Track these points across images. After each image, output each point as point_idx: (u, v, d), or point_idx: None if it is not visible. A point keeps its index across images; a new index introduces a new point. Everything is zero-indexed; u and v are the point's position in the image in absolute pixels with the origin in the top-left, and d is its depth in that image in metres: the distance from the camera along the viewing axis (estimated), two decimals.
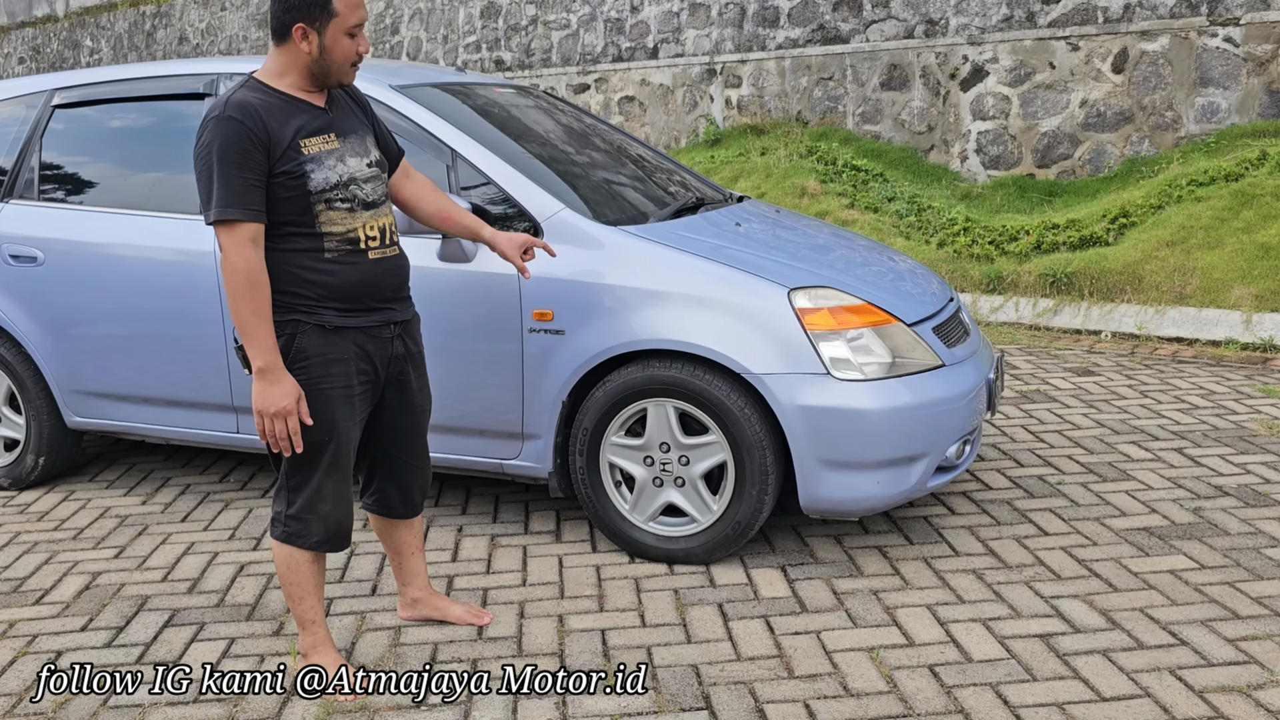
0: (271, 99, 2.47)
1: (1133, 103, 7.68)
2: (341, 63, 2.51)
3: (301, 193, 2.46)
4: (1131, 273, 6.40)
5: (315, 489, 2.58)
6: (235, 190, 2.38)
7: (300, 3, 2.44)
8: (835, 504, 3.17)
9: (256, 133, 2.40)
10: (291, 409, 2.44)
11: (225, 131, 2.39)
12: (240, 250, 2.39)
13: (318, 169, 2.47)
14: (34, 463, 4.16)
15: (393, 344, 2.66)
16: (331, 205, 2.50)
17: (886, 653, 2.78)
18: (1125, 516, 3.62)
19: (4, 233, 3.99)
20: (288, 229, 2.48)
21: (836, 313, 3.16)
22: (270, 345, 2.42)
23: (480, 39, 11.87)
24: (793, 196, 8.15)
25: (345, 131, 2.57)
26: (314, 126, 2.50)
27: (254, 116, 2.41)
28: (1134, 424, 4.61)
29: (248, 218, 2.40)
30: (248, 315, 2.40)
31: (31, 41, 18.60)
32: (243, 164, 2.39)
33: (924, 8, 8.65)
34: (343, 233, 2.52)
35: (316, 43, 2.47)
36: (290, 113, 2.48)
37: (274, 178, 2.43)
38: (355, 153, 2.57)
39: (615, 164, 4.06)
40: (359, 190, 2.54)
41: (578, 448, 3.32)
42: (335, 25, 2.46)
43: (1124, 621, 2.90)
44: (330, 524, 2.61)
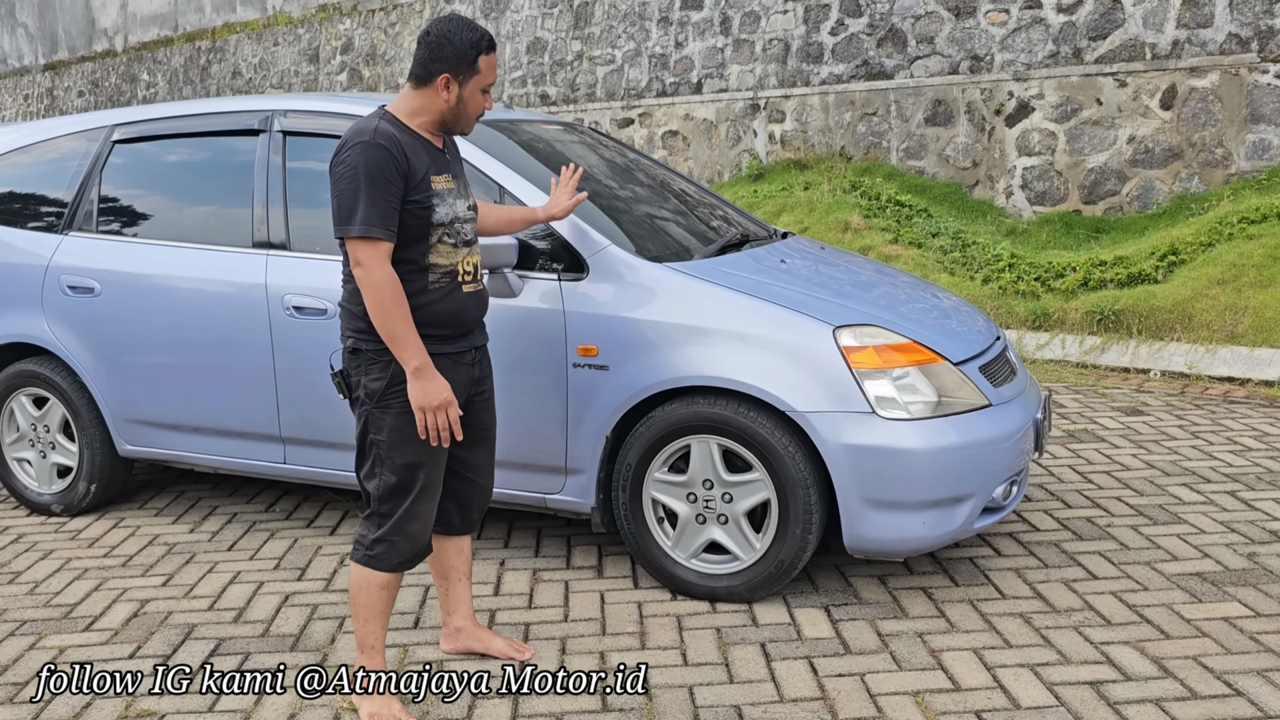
0: (408, 135, 2.64)
1: (1182, 139, 7.60)
2: (472, 115, 2.71)
3: (425, 223, 2.63)
4: (1181, 311, 6.31)
5: (407, 510, 2.68)
6: (380, 210, 2.54)
7: (451, 56, 2.62)
8: (880, 544, 3.14)
9: (399, 162, 2.57)
10: (451, 400, 2.60)
11: (375, 156, 2.54)
12: (382, 264, 2.55)
13: (441, 204, 2.66)
14: (86, 489, 4.23)
15: (472, 369, 2.80)
16: (443, 240, 2.67)
17: (932, 697, 2.74)
18: (1177, 561, 3.55)
19: (63, 264, 4.09)
20: (401, 258, 2.62)
21: (882, 351, 3.14)
22: (420, 348, 2.56)
23: (526, 74, 12.02)
24: (836, 231, 8.14)
25: (457, 175, 2.77)
26: (440, 166, 2.69)
27: (399, 147, 2.58)
28: (1185, 465, 4.53)
29: (388, 237, 2.56)
30: (397, 323, 2.54)
31: (90, 75, 19.11)
32: (387, 188, 2.55)
33: (969, 44, 8.65)
34: (447, 265, 2.69)
35: (456, 94, 2.65)
36: (421, 150, 2.66)
37: (405, 205, 2.59)
38: (462, 195, 2.76)
39: (659, 199, 4.09)
40: (462, 229, 2.73)
41: (621, 483, 3.33)
42: (475, 81, 2.66)
43: (1177, 670, 2.84)
44: (416, 543, 2.72)
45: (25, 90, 20.85)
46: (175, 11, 17.42)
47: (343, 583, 3.56)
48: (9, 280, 4.20)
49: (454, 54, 2.61)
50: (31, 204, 4.31)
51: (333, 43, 14.40)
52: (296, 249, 3.73)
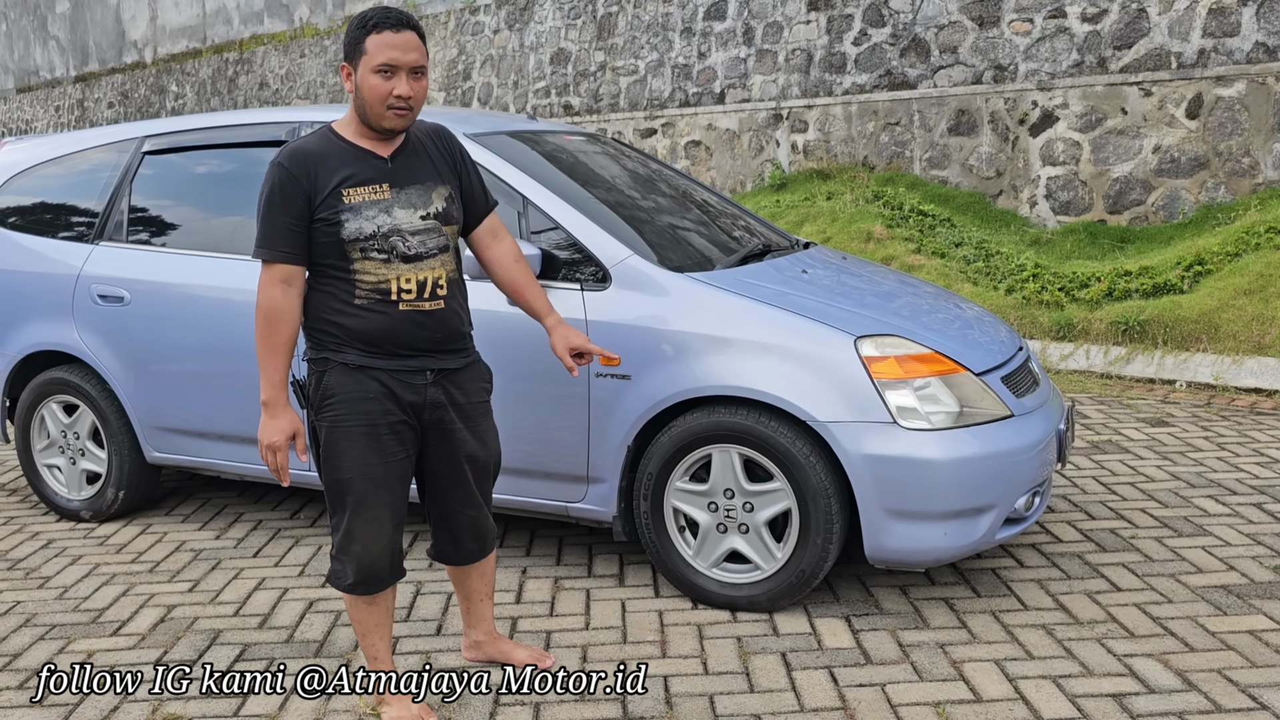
0: (331, 147, 2.55)
1: (1208, 149, 7.55)
2: (373, 101, 2.50)
3: (335, 240, 2.52)
4: (1207, 321, 6.27)
5: (346, 530, 2.60)
6: (272, 232, 2.51)
7: (346, 44, 2.55)
8: (901, 554, 3.14)
9: (300, 180, 2.49)
10: (281, 445, 2.52)
11: (273, 177, 2.52)
12: (267, 289, 2.52)
13: (353, 218, 2.51)
14: (114, 496, 4.29)
15: (427, 390, 2.63)
16: (367, 255, 2.53)
17: (953, 708, 2.74)
18: (1202, 573, 3.53)
19: (94, 274, 4.15)
20: (327, 271, 2.57)
21: (903, 361, 3.15)
22: (277, 381, 2.52)
23: (550, 84, 12.09)
24: (859, 241, 8.13)
25: (404, 184, 2.58)
26: (364, 176, 2.54)
27: (301, 164, 2.50)
28: (1210, 477, 4.50)
29: (278, 259, 2.51)
30: (262, 350, 2.52)
31: (120, 87, 19.36)
32: (285, 208, 2.50)
33: (993, 54, 8.63)
34: (374, 282, 2.54)
35: (354, 82, 2.53)
36: (345, 161, 2.54)
37: (313, 223, 2.52)
38: (409, 204, 2.57)
39: (681, 209, 4.10)
40: (401, 242, 2.54)
41: (642, 492, 3.34)
42: (364, 62, 2.50)
43: (1201, 683, 2.82)
44: (362, 565, 2.61)
45: (56, 102, 21.15)
46: (204, 24, 17.63)
47: None
48: (41, 289, 4.27)
49: (348, 41, 2.53)
50: (63, 214, 4.38)
51: None
52: None
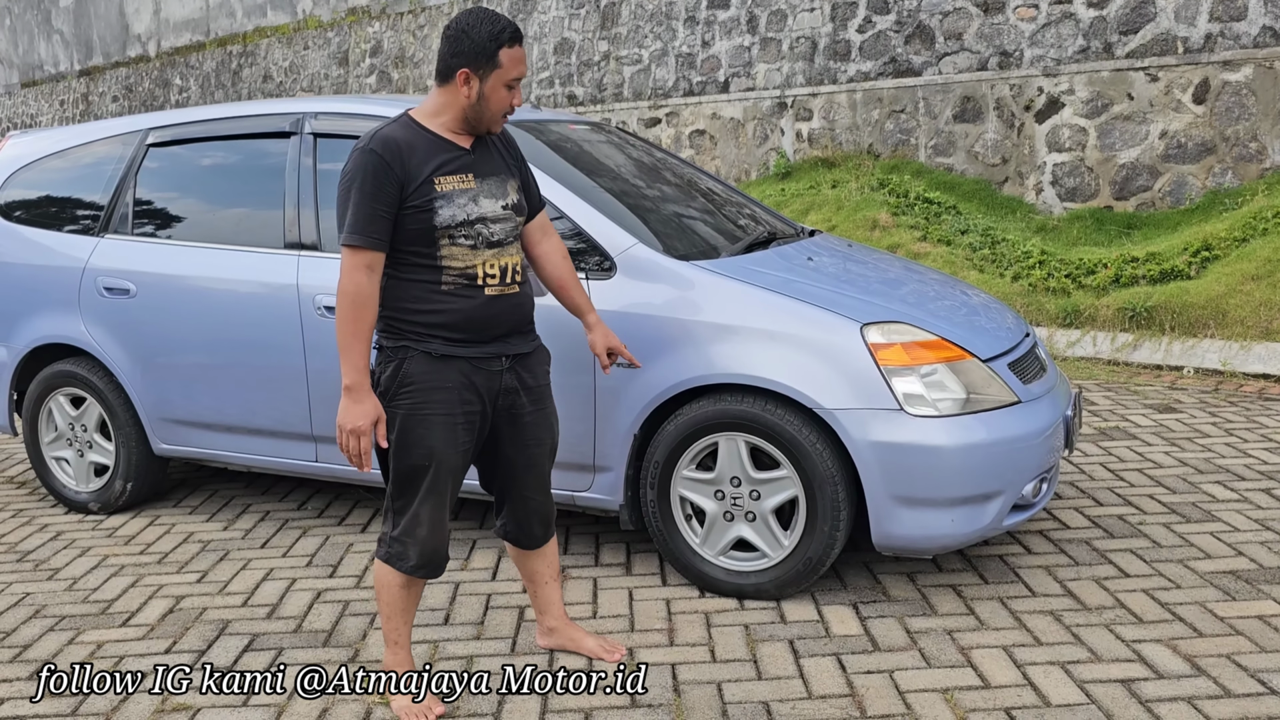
0: (417, 136, 2.60)
1: (1215, 134, 7.52)
2: (496, 112, 2.62)
3: (426, 227, 2.56)
4: (1215, 307, 6.24)
5: (414, 514, 2.65)
6: (362, 217, 2.51)
7: (469, 50, 2.56)
8: (908, 541, 3.14)
9: (394, 167, 2.52)
10: (366, 429, 2.52)
11: (365, 163, 2.53)
12: (353, 275, 2.52)
13: (446, 206, 2.57)
14: (122, 488, 4.30)
15: (502, 377, 2.69)
16: (454, 241, 2.59)
17: (961, 694, 2.74)
18: (1210, 559, 3.52)
19: (99, 266, 4.16)
20: (411, 259, 2.59)
21: (910, 348, 3.14)
22: (361, 366, 2.52)
23: (554, 74, 12.07)
24: (864, 229, 8.12)
25: (485, 174, 2.66)
26: (453, 166, 2.61)
27: (394, 152, 2.54)
28: (1219, 463, 4.48)
29: (367, 245, 2.52)
30: (347, 335, 2.52)
31: (125, 81, 19.36)
32: (376, 195, 2.51)
33: (998, 40, 8.59)
34: (461, 268, 2.60)
35: (477, 89, 2.58)
36: (433, 150, 2.59)
37: (404, 210, 2.55)
38: (491, 194, 2.65)
39: (686, 198, 4.10)
40: (485, 229, 2.62)
41: (649, 481, 3.34)
42: (497, 76, 2.57)
43: (1210, 668, 2.82)
44: (425, 550, 2.67)
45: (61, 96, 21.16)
46: (207, 17, 17.62)
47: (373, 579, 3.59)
48: (47, 282, 4.27)
49: (472, 47, 2.55)
50: (68, 207, 4.38)
51: (362, 46, 14.51)
52: (327, 249, 3.77)
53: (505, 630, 3.18)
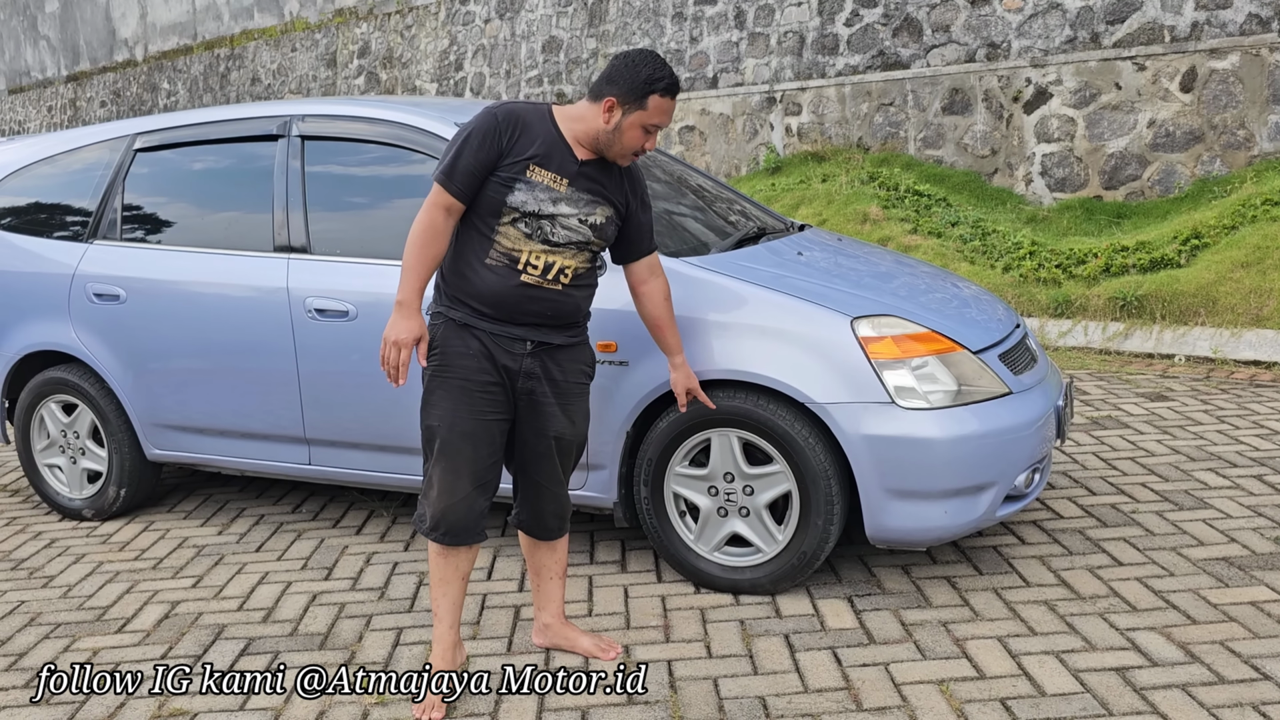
0: (542, 124, 2.69)
1: (1203, 122, 7.54)
2: (626, 148, 2.70)
3: (498, 200, 2.65)
4: (1205, 295, 6.26)
5: (429, 476, 2.74)
6: (458, 166, 2.63)
7: (624, 83, 2.65)
8: (902, 534, 3.14)
9: (503, 135, 2.63)
10: (409, 342, 2.63)
11: (483, 121, 2.65)
12: (433, 210, 2.64)
13: (525, 190, 2.65)
14: (116, 494, 4.29)
15: (524, 360, 2.75)
16: (515, 224, 2.67)
17: (957, 686, 2.75)
18: (1203, 546, 3.53)
19: (89, 272, 4.14)
20: (475, 224, 2.69)
21: (900, 341, 3.15)
22: (418, 288, 2.63)
23: (542, 73, 12.06)
24: (855, 223, 8.13)
25: (583, 189, 2.71)
26: (554, 165, 2.67)
27: (511, 123, 2.65)
28: (1211, 450, 4.50)
29: (451, 190, 2.63)
30: (413, 259, 2.63)
31: (112, 85, 19.30)
32: (477, 151, 2.62)
33: (985, 31, 8.60)
34: (510, 248, 2.68)
35: (616, 120, 2.67)
36: (546, 142, 2.67)
37: (492, 176, 2.64)
38: (575, 204, 2.70)
39: (676, 195, 4.10)
40: (551, 229, 2.68)
41: (642, 478, 3.34)
42: (639, 116, 2.66)
43: (1204, 655, 2.83)
44: (436, 512, 2.72)
45: (49, 102, 21.09)
46: (194, 20, 17.57)
47: (369, 581, 3.60)
48: (36, 289, 4.26)
49: (627, 82, 2.64)
50: (57, 214, 4.37)
51: (349, 47, 14.48)
52: (317, 252, 3.76)
53: (501, 630, 3.19)
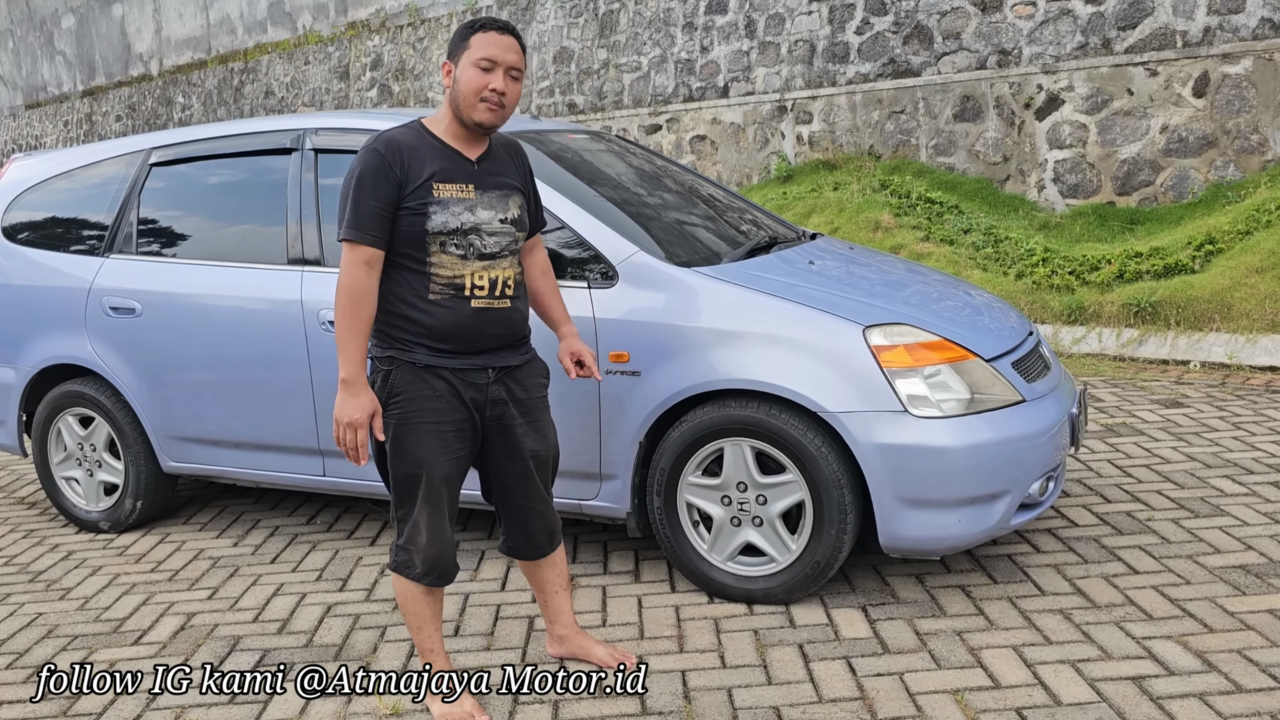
0: (422, 141, 2.64)
1: (1216, 127, 7.51)
2: (468, 93, 2.59)
3: (418, 230, 2.59)
4: (1220, 300, 6.23)
5: (414, 523, 2.68)
6: (363, 214, 2.56)
7: (451, 43, 2.65)
8: (916, 543, 3.14)
9: (394, 167, 2.57)
10: (363, 422, 2.55)
11: (366, 161, 2.58)
12: (352, 270, 2.56)
13: (440, 212, 2.59)
14: (132, 506, 4.32)
15: (489, 389, 2.71)
16: (445, 249, 2.61)
17: (972, 695, 2.74)
18: (1220, 554, 3.51)
19: (105, 286, 4.18)
20: (403, 263, 2.62)
21: (913, 349, 3.14)
22: (359, 360, 2.55)
23: (553, 83, 12.10)
24: (866, 231, 8.12)
25: (488, 187, 2.68)
26: (453, 174, 2.63)
27: (396, 152, 2.58)
28: (1227, 457, 4.48)
29: (366, 241, 2.56)
30: (345, 330, 2.55)
31: (128, 100, 19.45)
32: (375, 193, 2.56)
33: (996, 38, 8.60)
34: (449, 277, 2.62)
35: (454, 75, 2.63)
36: (435, 156, 2.63)
37: (400, 210, 2.59)
38: (491, 207, 2.67)
39: (687, 205, 4.11)
40: (479, 240, 2.64)
41: (655, 488, 3.35)
42: (466, 56, 2.60)
43: (1221, 664, 2.81)
44: (428, 557, 2.69)
45: (65, 116, 21.26)
46: (208, 34, 17.70)
47: (383, 592, 3.61)
48: (53, 303, 4.30)
49: (453, 41, 2.64)
50: (73, 228, 4.41)
51: (362, 59, 14.56)
52: (330, 264, 3.78)
53: (515, 640, 3.19)
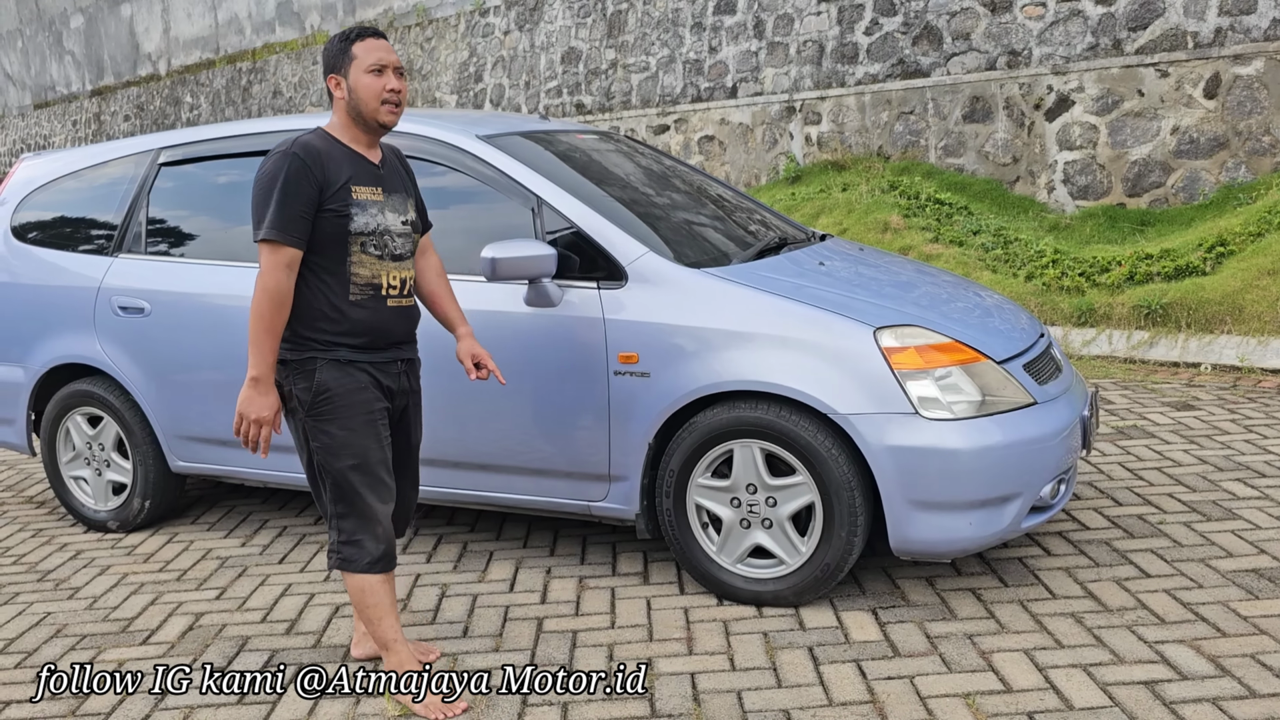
0: (333, 147, 2.75)
1: (1227, 128, 7.48)
2: (369, 98, 2.72)
3: (341, 232, 2.69)
4: (1231, 302, 6.20)
5: (361, 510, 2.77)
6: (286, 217, 2.63)
7: (328, 60, 2.77)
8: (926, 545, 3.12)
9: (314, 170, 2.66)
10: (270, 419, 2.67)
11: (288, 165, 2.65)
12: (275, 272, 2.63)
13: (361, 213, 2.71)
14: (140, 506, 4.32)
15: (400, 379, 2.86)
16: (365, 249, 2.73)
17: (983, 699, 2.72)
18: (1232, 557, 3.49)
19: (114, 286, 4.18)
20: (320, 269, 2.71)
21: (924, 351, 3.13)
22: (271, 362, 2.66)
23: (561, 84, 12.09)
24: (875, 232, 8.10)
25: (391, 190, 2.82)
26: (365, 177, 2.76)
27: (314, 157, 2.68)
28: (1239, 460, 4.45)
29: (289, 243, 2.64)
30: (263, 330, 2.63)
31: (136, 100, 19.49)
32: (297, 195, 2.64)
33: (1006, 39, 8.57)
34: (368, 277, 2.74)
35: (345, 87, 2.74)
36: (347, 161, 2.74)
37: (322, 213, 2.67)
38: (395, 209, 2.81)
39: (696, 205, 4.09)
40: (391, 242, 2.78)
41: (664, 489, 3.33)
42: (355, 66, 2.72)
43: (1234, 668, 2.79)
44: (380, 540, 2.79)
45: (73, 116, 21.32)
46: (216, 34, 17.74)
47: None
48: (62, 303, 4.30)
49: (330, 57, 2.76)
50: (82, 228, 4.41)
51: None
52: None
53: (524, 642, 3.18)
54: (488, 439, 3.56)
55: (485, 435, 3.56)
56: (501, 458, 3.57)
